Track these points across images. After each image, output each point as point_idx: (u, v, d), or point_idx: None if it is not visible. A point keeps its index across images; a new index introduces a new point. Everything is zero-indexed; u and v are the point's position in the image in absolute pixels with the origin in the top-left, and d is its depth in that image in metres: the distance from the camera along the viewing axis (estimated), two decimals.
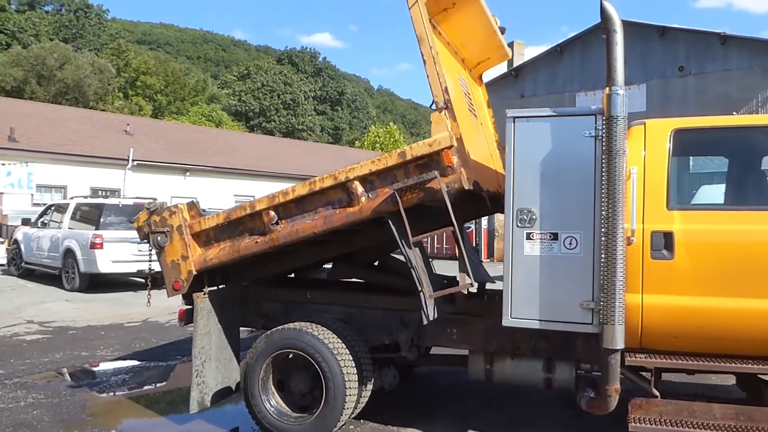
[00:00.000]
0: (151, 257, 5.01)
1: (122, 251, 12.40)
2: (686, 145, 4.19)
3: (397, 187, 4.03)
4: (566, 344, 4.31)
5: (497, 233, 22.83)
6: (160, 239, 4.77)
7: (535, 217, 4.01)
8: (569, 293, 3.93)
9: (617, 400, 3.84)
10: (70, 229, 13.55)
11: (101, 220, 12.97)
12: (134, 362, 7.23)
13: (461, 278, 4.21)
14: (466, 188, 3.99)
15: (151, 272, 5.38)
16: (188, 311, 4.98)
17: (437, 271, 4.61)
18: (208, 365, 4.76)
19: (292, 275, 6.18)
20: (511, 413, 5.34)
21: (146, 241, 4.89)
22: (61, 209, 14.52)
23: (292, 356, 4.69)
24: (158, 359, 7.33)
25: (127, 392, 6.13)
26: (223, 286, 5.13)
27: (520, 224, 4.04)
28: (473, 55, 5.77)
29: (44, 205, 17.28)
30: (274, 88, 66.07)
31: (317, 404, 4.53)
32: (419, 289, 4.11)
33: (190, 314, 4.94)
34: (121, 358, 7.38)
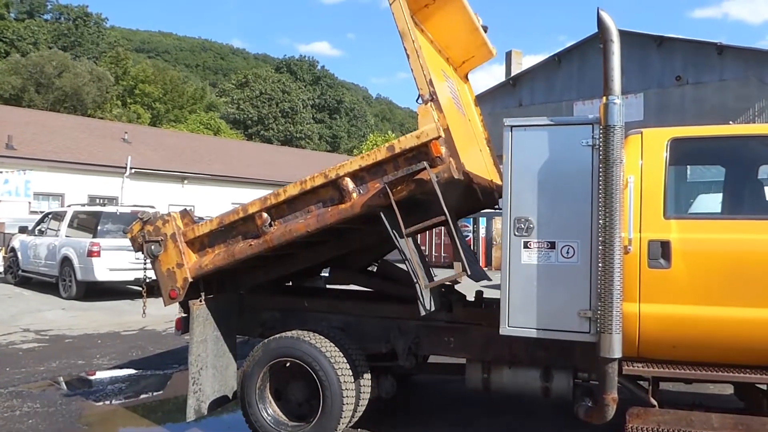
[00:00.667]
0: (146, 266, 5.00)
1: (119, 259, 12.36)
2: (683, 154, 4.21)
3: (387, 180, 4.05)
4: (564, 353, 4.30)
5: (495, 242, 22.84)
6: (154, 248, 4.76)
7: (532, 225, 4.02)
8: (567, 302, 3.93)
9: (615, 409, 3.83)
10: (67, 237, 13.52)
11: (98, 228, 12.95)
12: (131, 371, 7.21)
13: (456, 267, 4.23)
14: (455, 177, 4.00)
15: (146, 280, 5.36)
16: (185, 320, 4.96)
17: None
18: (204, 373, 4.74)
19: (289, 283, 6.17)
20: (508, 422, 5.32)
21: (140, 251, 4.88)
22: (58, 217, 14.49)
23: (289, 365, 4.68)
24: (155, 368, 7.31)
25: (123, 401, 6.10)
26: (219, 293, 5.11)
27: (517, 233, 4.05)
28: (458, 54, 5.83)
29: (41, 212, 17.26)
30: (272, 96, 66.16)
31: (314, 413, 4.51)
32: (415, 280, 4.12)
33: (187, 323, 4.92)
34: (117, 366, 7.35)
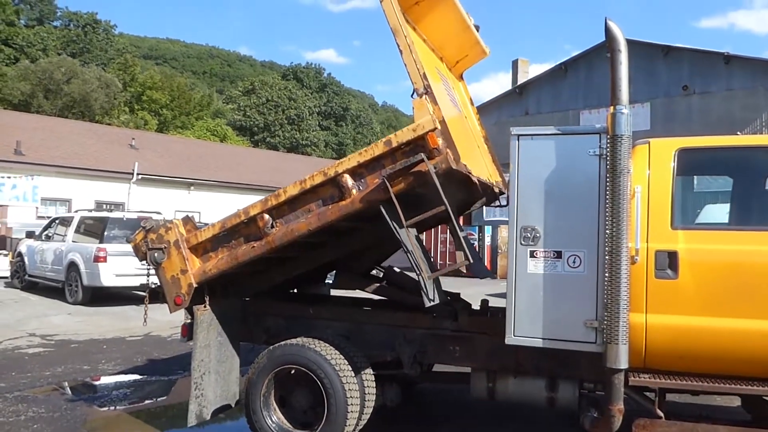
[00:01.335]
0: (149, 273, 5.02)
1: (125, 265, 12.37)
2: (690, 164, 4.20)
3: (386, 173, 4.06)
4: (569, 363, 4.27)
5: (500, 250, 22.80)
6: (157, 255, 4.77)
7: (538, 235, 4.01)
8: (573, 312, 3.92)
9: (621, 420, 3.81)
10: (74, 242, 13.59)
11: (105, 233, 13.02)
12: (135, 376, 7.21)
13: (458, 256, 4.24)
14: (453, 168, 4.00)
15: (150, 287, 5.37)
16: (191, 326, 4.97)
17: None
18: (207, 378, 4.74)
19: (294, 290, 6.17)
20: (513, 431, 5.30)
21: (144, 260, 4.90)
22: (65, 222, 14.56)
23: (294, 372, 4.67)
24: (160, 373, 7.31)
25: (127, 406, 6.10)
26: (223, 299, 5.12)
27: (523, 242, 4.04)
28: (451, 53, 5.88)
29: (49, 218, 17.34)
30: (278, 103, 66.40)
31: (319, 421, 4.49)
32: (417, 272, 4.12)
33: (192, 329, 4.93)
34: (122, 372, 7.36)
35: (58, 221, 15.13)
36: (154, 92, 55.86)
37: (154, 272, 4.89)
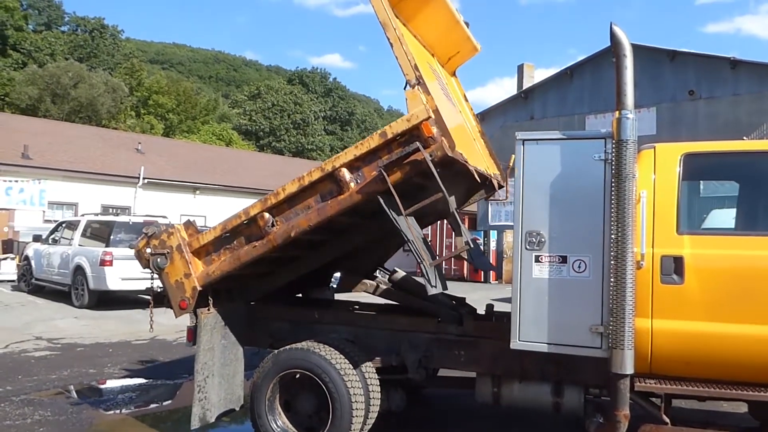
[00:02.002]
0: (153, 279, 5.03)
1: (132, 269, 12.36)
2: (696, 169, 4.19)
3: (383, 163, 4.09)
4: (575, 368, 4.26)
5: (506, 255, 22.77)
6: (160, 261, 4.80)
7: (544, 239, 4.01)
8: (578, 317, 3.91)
9: (627, 426, 3.79)
10: (80, 246, 13.63)
11: (111, 237, 13.05)
12: (141, 380, 7.23)
13: (457, 242, 4.25)
14: (449, 155, 4.02)
15: (155, 291, 5.38)
16: (195, 329, 4.98)
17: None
18: (210, 381, 4.76)
19: (299, 295, 6.18)
20: None
21: (147, 267, 4.91)
22: (72, 226, 14.61)
23: (299, 376, 4.67)
24: (165, 377, 7.33)
25: (133, 410, 6.12)
26: (228, 302, 5.13)
27: (529, 247, 4.04)
28: (443, 51, 5.92)
29: (55, 221, 17.41)
30: (284, 107, 66.51)
31: (324, 425, 4.50)
32: (419, 260, 4.12)
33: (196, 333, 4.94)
34: (128, 375, 7.38)
35: (64, 225, 15.18)
36: (160, 97, 56.07)
37: (158, 278, 4.91)
